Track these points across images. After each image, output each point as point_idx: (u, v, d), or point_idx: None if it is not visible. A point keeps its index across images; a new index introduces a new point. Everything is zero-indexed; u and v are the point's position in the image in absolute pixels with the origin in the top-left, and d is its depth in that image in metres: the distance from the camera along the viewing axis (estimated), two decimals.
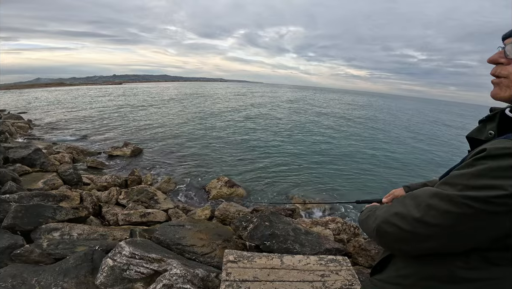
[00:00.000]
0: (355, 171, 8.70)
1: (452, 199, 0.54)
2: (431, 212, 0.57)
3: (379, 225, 0.68)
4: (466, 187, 0.54)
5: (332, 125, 17.64)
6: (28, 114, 15.30)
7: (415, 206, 0.60)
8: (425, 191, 0.61)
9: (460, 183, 0.55)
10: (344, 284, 2.00)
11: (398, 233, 0.63)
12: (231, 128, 14.02)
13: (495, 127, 0.65)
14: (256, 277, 1.98)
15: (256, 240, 3.04)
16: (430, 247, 0.60)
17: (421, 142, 14.67)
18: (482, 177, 0.53)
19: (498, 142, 0.55)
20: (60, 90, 38.12)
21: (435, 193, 0.58)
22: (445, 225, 0.55)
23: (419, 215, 0.59)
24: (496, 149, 0.54)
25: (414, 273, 0.68)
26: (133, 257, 2.16)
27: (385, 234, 0.67)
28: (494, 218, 0.51)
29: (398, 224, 0.63)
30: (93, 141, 9.99)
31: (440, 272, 0.62)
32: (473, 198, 0.52)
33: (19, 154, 5.47)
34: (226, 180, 6.20)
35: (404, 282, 0.70)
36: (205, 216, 4.57)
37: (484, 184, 0.52)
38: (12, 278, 2.07)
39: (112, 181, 5.63)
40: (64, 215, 3.22)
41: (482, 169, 0.54)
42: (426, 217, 0.57)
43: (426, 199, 0.59)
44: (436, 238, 0.58)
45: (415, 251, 0.64)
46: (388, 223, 0.65)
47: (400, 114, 33.34)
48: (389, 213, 0.67)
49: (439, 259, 0.62)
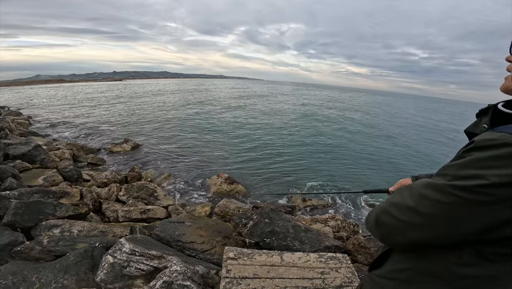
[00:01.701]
0: (361, 166, 8.74)
1: (442, 189, 0.57)
2: (423, 202, 0.60)
3: (377, 214, 0.72)
4: (455, 177, 0.56)
5: (335, 121, 17.62)
6: (28, 111, 15.26)
7: (410, 195, 0.63)
8: (421, 181, 0.64)
9: (450, 173, 0.58)
10: (344, 282, 2.00)
11: (394, 223, 0.66)
12: (232, 125, 14.00)
13: (488, 121, 0.68)
14: (256, 274, 1.98)
15: (256, 237, 3.05)
16: (423, 236, 0.62)
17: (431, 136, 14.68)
18: (469, 167, 0.56)
19: (485, 135, 0.58)
20: (60, 87, 38.05)
21: (428, 183, 0.61)
22: (436, 214, 0.58)
23: (413, 204, 0.61)
24: (482, 141, 0.57)
25: (410, 268, 0.70)
26: (133, 254, 2.16)
27: (383, 224, 0.69)
28: (480, 208, 0.53)
29: (394, 214, 0.65)
30: (93, 138, 9.98)
31: (435, 268, 0.64)
32: (460, 187, 0.54)
33: (19, 150, 5.46)
34: (226, 176, 6.20)
35: (400, 277, 0.72)
36: (205, 213, 4.58)
37: (470, 174, 0.54)
38: (13, 275, 2.07)
39: (112, 177, 5.63)
40: (64, 211, 3.22)
41: (469, 159, 0.56)
42: (418, 206, 0.60)
43: (420, 189, 0.62)
44: (428, 227, 0.60)
45: (409, 242, 0.66)
46: (386, 213, 0.68)
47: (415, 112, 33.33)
48: (387, 203, 0.70)
49: (434, 254, 0.64)
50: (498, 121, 0.65)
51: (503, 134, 0.54)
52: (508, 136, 0.53)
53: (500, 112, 0.66)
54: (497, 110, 0.67)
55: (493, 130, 0.59)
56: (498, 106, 0.67)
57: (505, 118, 0.64)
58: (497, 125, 0.62)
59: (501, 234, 0.53)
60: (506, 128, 0.56)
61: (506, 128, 0.56)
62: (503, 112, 0.65)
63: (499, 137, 0.54)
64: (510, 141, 0.52)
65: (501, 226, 0.52)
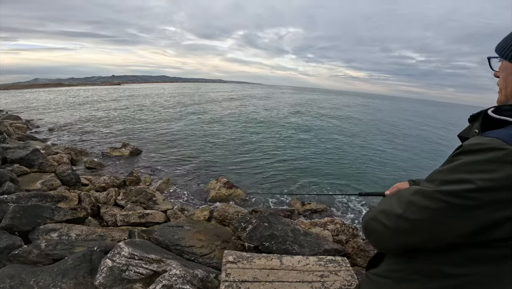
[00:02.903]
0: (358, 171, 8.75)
1: (430, 195, 0.57)
2: (411, 208, 0.60)
3: (366, 222, 0.73)
4: (443, 182, 0.57)
5: (334, 125, 17.68)
6: (26, 114, 15.22)
7: (398, 203, 0.64)
8: (409, 189, 0.65)
9: (438, 178, 0.59)
10: (343, 285, 2.00)
11: (382, 230, 0.67)
12: (230, 130, 14.02)
13: (479, 126, 0.70)
14: (256, 278, 1.98)
15: (255, 241, 3.04)
16: (411, 242, 0.63)
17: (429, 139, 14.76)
18: (456, 171, 0.56)
19: (474, 139, 0.59)
20: (58, 90, 37.98)
21: (416, 190, 0.61)
22: (424, 220, 0.58)
23: (401, 211, 0.62)
24: (470, 145, 0.58)
25: (403, 268, 0.71)
26: (132, 257, 2.15)
27: (372, 231, 0.71)
28: (467, 212, 0.53)
29: (383, 221, 0.66)
30: (91, 142, 9.96)
31: (426, 268, 0.65)
32: (447, 192, 0.55)
33: (17, 154, 5.44)
34: (225, 181, 6.20)
35: (394, 276, 0.73)
36: (204, 217, 4.56)
37: (457, 178, 0.55)
38: (10, 279, 2.06)
39: (111, 181, 5.61)
40: (62, 215, 3.21)
41: (457, 164, 0.57)
42: (406, 213, 0.61)
43: (408, 196, 0.62)
44: (416, 233, 0.61)
45: (398, 247, 0.67)
46: (375, 220, 0.69)
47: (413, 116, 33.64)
48: (376, 210, 0.71)
49: (423, 256, 0.65)
50: (488, 127, 0.66)
51: (491, 139, 0.55)
52: (496, 141, 0.54)
53: (490, 118, 0.67)
54: (488, 115, 0.68)
55: (482, 135, 0.60)
56: (488, 112, 0.68)
57: (495, 124, 0.65)
58: (488, 130, 0.63)
59: (489, 236, 0.54)
60: (494, 133, 0.57)
61: (494, 133, 0.57)
62: (493, 117, 0.67)
63: (487, 141, 0.55)
64: (497, 146, 0.53)
65: (489, 228, 0.53)
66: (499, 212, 0.51)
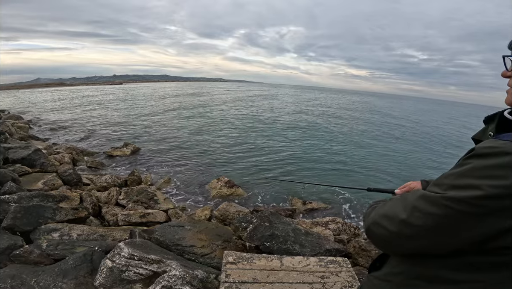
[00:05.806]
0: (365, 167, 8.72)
1: (435, 201, 0.55)
2: (415, 214, 0.58)
3: (368, 226, 0.71)
4: (450, 187, 0.55)
5: (337, 124, 17.63)
6: (28, 114, 15.29)
7: (402, 207, 0.62)
8: (414, 193, 0.62)
9: (447, 183, 0.56)
10: (344, 286, 1.99)
11: (385, 235, 0.65)
12: (231, 129, 14.00)
13: (494, 128, 0.66)
14: (256, 279, 1.97)
15: (256, 240, 3.03)
16: (414, 247, 0.61)
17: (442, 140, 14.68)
18: (465, 176, 0.53)
19: (487, 142, 0.56)
20: (60, 90, 38.14)
21: (422, 195, 0.59)
22: (428, 226, 0.56)
23: (405, 216, 0.60)
24: (482, 148, 0.54)
25: (404, 271, 0.69)
26: (132, 258, 2.15)
27: (374, 235, 0.69)
28: (474, 220, 0.51)
29: (386, 226, 0.64)
30: (93, 142, 9.98)
31: (426, 272, 0.63)
32: (453, 198, 0.52)
33: (19, 154, 5.46)
34: (226, 180, 6.19)
35: (394, 280, 0.72)
36: (205, 216, 4.56)
37: (465, 184, 0.52)
38: (12, 279, 2.06)
39: (112, 181, 5.62)
40: (64, 215, 3.22)
41: (466, 168, 0.54)
42: (411, 218, 0.59)
43: (413, 201, 0.60)
44: (419, 239, 0.59)
45: (400, 251, 0.67)
46: (377, 225, 0.67)
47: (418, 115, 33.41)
48: (379, 214, 0.68)
49: (425, 260, 0.63)
50: (504, 129, 0.63)
51: (505, 143, 0.52)
52: (509, 145, 0.51)
53: (506, 120, 0.64)
54: (504, 117, 0.65)
55: (496, 137, 0.57)
56: (505, 114, 0.65)
57: (511, 126, 0.62)
58: (502, 132, 0.60)
59: (495, 244, 0.52)
60: (509, 136, 0.54)
61: (509, 136, 0.54)
62: (510, 119, 0.63)
63: (500, 145, 0.52)
64: (510, 150, 0.50)
65: (496, 236, 0.51)
66: (508, 220, 0.49)
